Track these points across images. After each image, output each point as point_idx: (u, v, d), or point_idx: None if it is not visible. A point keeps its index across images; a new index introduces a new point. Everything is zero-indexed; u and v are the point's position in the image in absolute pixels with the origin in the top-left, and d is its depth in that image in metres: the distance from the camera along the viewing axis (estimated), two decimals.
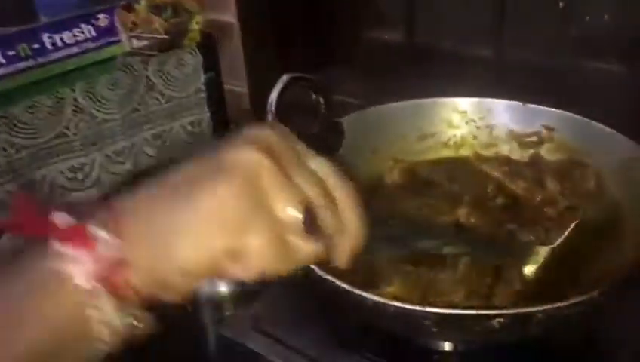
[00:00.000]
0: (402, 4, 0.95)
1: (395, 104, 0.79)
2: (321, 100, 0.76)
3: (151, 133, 1.01)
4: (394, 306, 0.48)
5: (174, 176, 0.35)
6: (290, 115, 0.93)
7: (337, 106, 0.98)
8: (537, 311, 0.44)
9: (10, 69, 0.80)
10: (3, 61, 0.80)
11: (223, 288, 0.79)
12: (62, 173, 0.91)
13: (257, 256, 0.34)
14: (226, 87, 1.11)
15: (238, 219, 0.34)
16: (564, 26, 0.84)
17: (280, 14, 1.03)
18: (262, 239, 0.34)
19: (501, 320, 0.45)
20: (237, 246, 0.34)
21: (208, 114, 1.08)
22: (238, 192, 0.34)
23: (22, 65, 0.81)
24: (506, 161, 0.71)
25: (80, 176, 0.92)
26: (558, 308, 0.43)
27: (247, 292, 0.77)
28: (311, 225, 0.36)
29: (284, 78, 0.72)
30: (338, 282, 0.50)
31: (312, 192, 0.35)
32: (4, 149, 0.83)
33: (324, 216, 0.36)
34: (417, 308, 0.46)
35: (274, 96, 0.70)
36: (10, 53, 0.80)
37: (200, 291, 0.78)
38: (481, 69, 0.88)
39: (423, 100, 0.79)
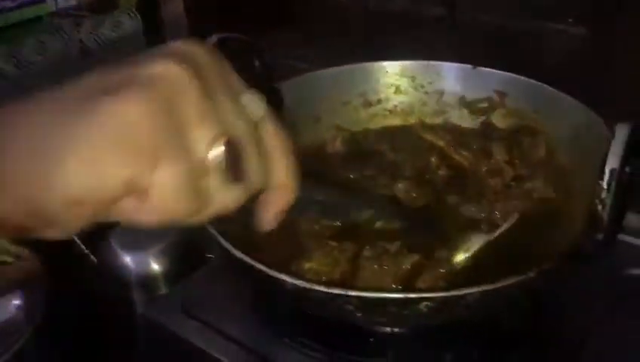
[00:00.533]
0: None
1: (337, 68, 0.73)
2: (257, 63, 0.70)
3: None
4: (312, 290, 0.43)
5: (72, 88, 0.27)
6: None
7: (287, 70, 0.93)
8: (465, 294, 0.39)
9: None
10: None
11: (155, 266, 0.74)
12: None
13: (164, 195, 0.27)
14: None
15: (147, 144, 0.26)
16: None
17: None
18: (172, 174, 0.27)
19: (429, 304, 0.41)
20: (141, 178, 0.26)
21: None
22: (150, 112, 0.26)
23: None
24: (452, 130, 0.66)
25: None
26: (485, 291, 0.39)
27: (181, 272, 0.72)
28: (233, 167, 0.29)
29: (213, 38, 0.66)
30: (254, 262, 0.46)
31: (241, 129, 0.29)
32: None
33: (251, 161, 0.29)
34: (338, 291, 0.42)
35: None
36: None
37: (130, 268, 0.73)
38: (433, 31, 0.82)
39: (368, 64, 0.73)
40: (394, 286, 0.47)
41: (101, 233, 0.82)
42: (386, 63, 0.74)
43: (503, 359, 0.53)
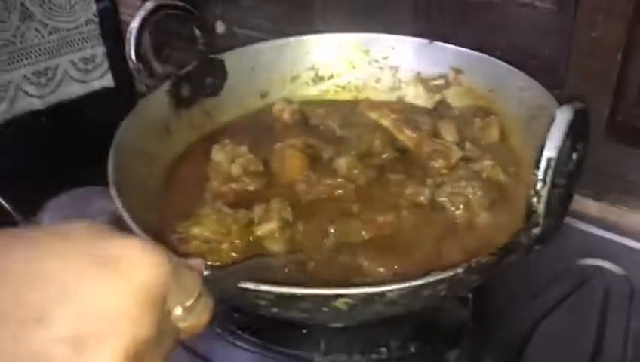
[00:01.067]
0: None
1: (285, 40, 0.69)
2: (198, 33, 0.66)
3: (31, 70, 0.89)
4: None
5: None
6: (165, 48, 0.83)
7: (241, 40, 0.88)
8: (385, 291, 0.36)
9: None
10: None
11: None
12: None
13: None
14: (123, 17, 0.99)
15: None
16: None
17: None
18: None
19: (348, 300, 0.37)
20: None
21: (104, 48, 0.97)
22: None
23: None
24: (401, 109, 0.62)
25: None
26: (409, 287, 0.35)
27: None
28: None
29: (148, 4, 0.61)
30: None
31: None
32: None
33: None
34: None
35: (134, 25, 0.60)
36: None
37: None
38: (391, 7, 0.78)
39: (319, 36, 0.69)
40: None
41: (36, 203, 0.79)
42: (338, 35, 0.69)
43: (442, 354, 0.50)
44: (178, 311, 0.30)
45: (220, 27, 0.93)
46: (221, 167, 0.55)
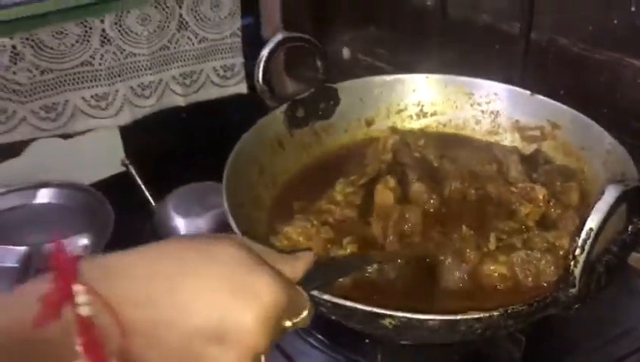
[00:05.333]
0: None
1: (397, 75, 0.76)
2: (319, 64, 0.74)
3: (179, 72, 1.03)
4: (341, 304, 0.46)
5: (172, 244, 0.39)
6: (290, 73, 0.92)
7: (362, 69, 0.96)
8: (426, 319, 0.42)
9: None
10: None
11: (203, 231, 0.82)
12: (84, 99, 0.95)
13: None
14: (263, 34, 1.11)
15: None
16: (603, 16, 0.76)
17: None
18: None
19: (392, 321, 0.44)
20: None
21: (242, 60, 1.08)
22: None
23: None
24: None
25: (103, 104, 0.96)
26: (447, 320, 0.41)
27: None
28: None
29: (279, 35, 0.71)
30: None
31: None
32: (29, 70, 0.88)
33: None
34: (376, 310, 0.44)
35: (264, 53, 0.69)
36: None
37: (179, 230, 0.81)
38: (507, 48, 0.81)
39: (429, 75, 0.75)
40: None
41: (167, 188, 0.92)
42: (446, 77, 0.75)
43: None
44: (287, 324, 0.38)
45: (345, 53, 1.02)
46: (329, 193, 0.63)
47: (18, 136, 0.91)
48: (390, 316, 0.43)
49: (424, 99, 0.76)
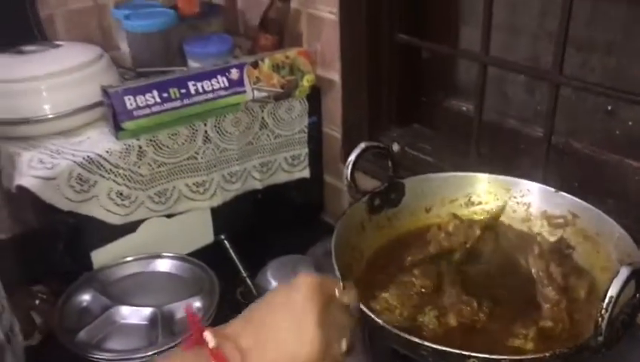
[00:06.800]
0: (476, 82, 1.12)
1: (452, 173, 0.98)
2: (390, 164, 0.96)
3: (259, 162, 1.25)
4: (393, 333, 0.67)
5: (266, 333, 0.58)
6: (365, 172, 1.14)
7: (410, 161, 1.18)
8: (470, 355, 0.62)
9: (163, 107, 1.07)
10: (159, 100, 1.06)
11: None
12: (187, 186, 1.17)
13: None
14: (324, 130, 1.34)
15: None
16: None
17: (375, 77, 1.23)
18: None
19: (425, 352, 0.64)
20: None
21: (307, 150, 1.31)
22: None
23: (171, 104, 1.07)
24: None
25: (201, 190, 1.18)
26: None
27: None
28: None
29: (362, 145, 0.93)
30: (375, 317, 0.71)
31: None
32: (150, 164, 1.10)
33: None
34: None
35: (351, 158, 0.92)
36: (164, 95, 1.07)
37: None
38: (533, 150, 1.04)
39: (477, 174, 0.97)
40: None
41: (261, 261, 1.12)
42: (489, 175, 0.97)
43: None
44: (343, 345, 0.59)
45: (395, 147, 1.24)
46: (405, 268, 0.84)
47: (137, 216, 1.12)
48: (475, 357, 0.63)
49: (472, 192, 0.97)
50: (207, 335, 0.56)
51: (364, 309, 0.70)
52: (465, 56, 1.19)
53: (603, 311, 0.61)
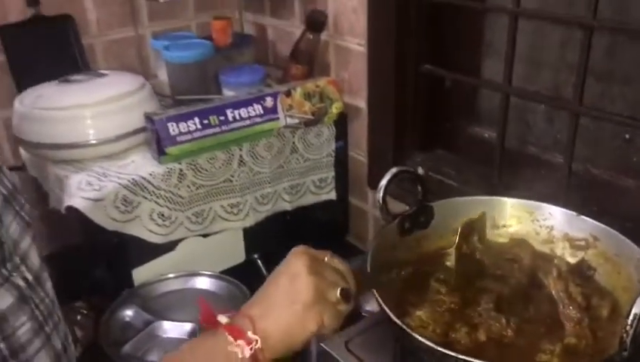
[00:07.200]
0: (499, 111, 1.18)
1: (477, 197, 1.03)
2: (419, 188, 1.02)
3: (289, 184, 1.31)
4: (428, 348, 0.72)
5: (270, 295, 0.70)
6: (395, 196, 1.19)
7: (435, 185, 1.23)
8: None
9: (203, 133, 1.13)
10: (199, 127, 1.13)
11: None
12: (222, 207, 1.23)
13: (329, 324, 0.70)
14: (350, 154, 1.40)
15: (319, 311, 0.68)
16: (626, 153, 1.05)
17: (400, 104, 1.30)
18: (332, 315, 0.70)
19: None
20: (320, 324, 0.69)
21: (334, 173, 1.37)
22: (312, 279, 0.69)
23: (211, 130, 1.14)
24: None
25: (235, 211, 1.24)
26: None
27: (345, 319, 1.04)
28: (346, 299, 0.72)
29: (394, 169, 0.99)
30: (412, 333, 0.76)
31: (342, 281, 0.73)
32: (189, 186, 1.16)
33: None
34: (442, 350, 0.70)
35: (383, 183, 0.97)
36: (205, 121, 1.13)
37: None
38: (555, 175, 1.09)
39: (501, 198, 1.02)
40: None
41: None
42: (512, 200, 1.02)
43: None
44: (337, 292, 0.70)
45: (420, 170, 1.30)
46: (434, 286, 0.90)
47: (176, 236, 1.18)
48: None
49: (496, 215, 1.02)
50: (220, 317, 0.67)
51: (402, 325, 0.75)
52: (488, 86, 1.25)
53: (628, 328, 0.66)
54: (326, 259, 0.73)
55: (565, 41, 1.10)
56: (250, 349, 0.65)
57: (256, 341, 0.66)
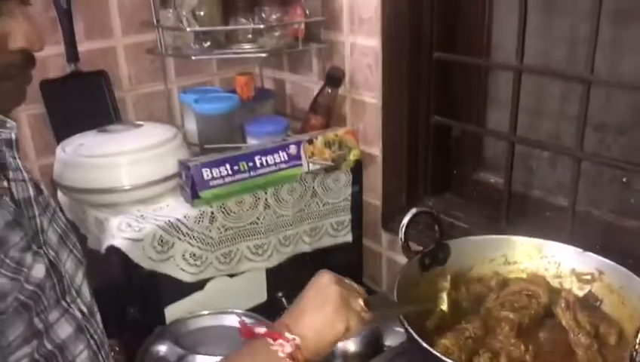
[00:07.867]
0: (505, 158, 1.28)
1: (490, 236, 1.11)
2: (437, 228, 1.11)
3: (309, 227, 1.40)
4: None
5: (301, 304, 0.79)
6: (413, 236, 1.28)
7: (446, 226, 1.32)
8: None
9: (234, 178, 1.22)
10: (230, 172, 1.22)
11: (352, 347, 1.14)
12: (248, 248, 1.30)
13: (354, 327, 0.78)
14: (365, 198, 1.49)
15: (345, 314, 0.77)
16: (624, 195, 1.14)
17: (412, 152, 1.40)
18: (356, 320, 0.78)
19: None
20: (347, 326, 0.77)
21: (350, 217, 1.46)
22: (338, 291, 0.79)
23: (240, 176, 1.23)
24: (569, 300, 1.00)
25: (260, 251, 1.32)
26: None
27: (367, 354, 1.11)
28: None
29: (413, 210, 1.08)
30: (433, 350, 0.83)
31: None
32: (219, 228, 1.24)
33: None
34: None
35: (404, 222, 1.06)
36: (235, 167, 1.22)
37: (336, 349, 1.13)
38: (559, 216, 1.19)
39: (512, 237, 1.11)
40: None
41: None
42: (521, 238, 1.10)
43: None
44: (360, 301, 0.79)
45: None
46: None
47: (206, 275, 1.25)
48: None
49: (507, 253, 1.11)
50: (258, 329, 0.77)
51: (433, 351, 0.82)
52: (495, 135, 1.35)
53: (637, 346, 0.74)
54: (346, 281, 0.84)
55: (565, 94, 1.21)
56: (290, 346, 0.73)
57: (294, 338, 0.74)
